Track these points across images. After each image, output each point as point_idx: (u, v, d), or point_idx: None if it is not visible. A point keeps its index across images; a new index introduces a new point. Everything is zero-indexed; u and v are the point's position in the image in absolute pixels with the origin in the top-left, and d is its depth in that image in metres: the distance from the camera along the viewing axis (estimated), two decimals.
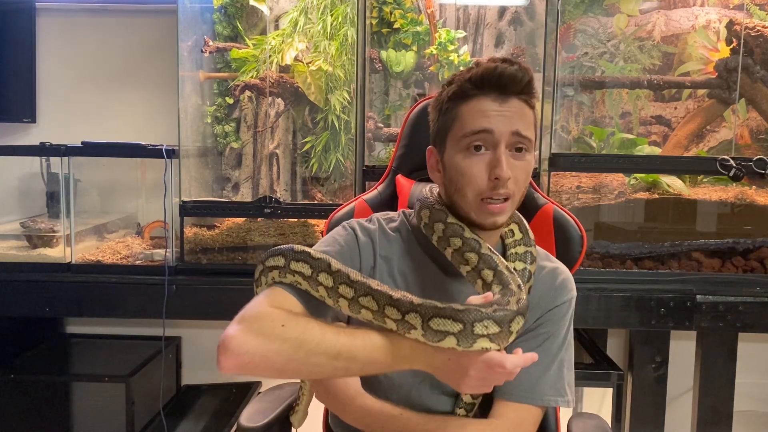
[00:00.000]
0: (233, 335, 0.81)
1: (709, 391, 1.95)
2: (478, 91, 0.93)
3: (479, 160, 0.92)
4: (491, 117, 0.92)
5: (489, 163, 0.92)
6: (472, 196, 0.93)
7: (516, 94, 0.93)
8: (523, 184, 0.95)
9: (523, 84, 0.92)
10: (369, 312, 0.84)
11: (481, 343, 0.78)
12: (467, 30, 2.16)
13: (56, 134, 2.22)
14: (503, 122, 0.91)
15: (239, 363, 0.79)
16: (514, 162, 0.93)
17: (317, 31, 2.02)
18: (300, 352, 0.80)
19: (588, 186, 2.08)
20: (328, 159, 2.07)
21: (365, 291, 0.85)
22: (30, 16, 2.35)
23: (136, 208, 2.36)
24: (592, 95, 2.15)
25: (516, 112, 0.92)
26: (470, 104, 0.93)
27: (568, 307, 1.02)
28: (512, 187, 0.92)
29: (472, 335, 0.78)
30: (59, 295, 1.92)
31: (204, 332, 2.44)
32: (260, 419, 1.15)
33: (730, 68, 1.99)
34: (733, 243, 1.94)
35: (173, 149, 1.96)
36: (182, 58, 2.01)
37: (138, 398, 2.00)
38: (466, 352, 0.79)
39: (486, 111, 0.92)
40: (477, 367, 0.80)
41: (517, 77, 0.92)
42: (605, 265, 1.94)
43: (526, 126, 0.93)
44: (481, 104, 0.93)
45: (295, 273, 0.89)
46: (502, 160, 0.91)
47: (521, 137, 0.92)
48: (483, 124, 0.92)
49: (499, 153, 0.91)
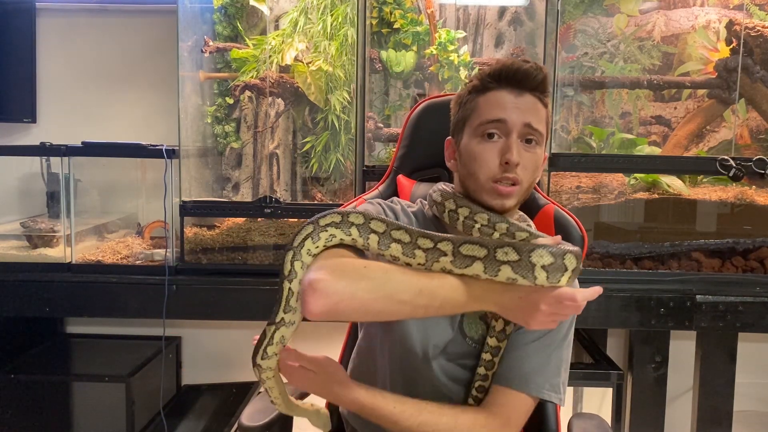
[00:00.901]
0: (321, 278, 0.85)
1: (709, 391, 1.95)
2: (496, 84, 1.01)
3: (492, 147, 1.00)
4: (506, 108, 0.99)
5: (501, 149, 0.99)
6: (483, 179, 1.00)
7: (531, 90, 1.01)
8: (531, 173, 1.01)
9: (538, 81, 1.01)
10: (399, 246, 0.90)
11: (505, 272, 0.85)
12: (467, 30, 2.16)
13: (56, 134, 2.22)
14: (517, 113, 0.99)
15: (328, 303, 0.83)
16: (524, 152, 1.00)
17: (317, 31, 2.02)
18: (386, 288, 0.86)
19: (588, 186, 2.08)
20: (328, 159, 2.07)
21: (397, 226, 0.92)
22: (30, 16, 2.35)
23: (136, 208, 2.36)
24: (592, 95, 2.16)
25: (530, 106, 1.00)
26: (488, 96, 1.02)
27: None
28: (521, 173, 0.99)
29: (495, 261, 0.85)
30: (59, 295, 1.92)
31: (204, 332, 2.44)
32: (261, 418, 1.16)
33: (730, 68, 1.99)
34: (733, 243, 1.94)
35: (173, 149, 1.96)
36: (182, 58, 2.01)
37: (138, 398, 2.00)
38: (538, 289, 0.85)
39: (502, 102, 1.00)
40: (548, 302, 0.85)
41: (531, 74, 1.00)
42: (605, 265, 1.94)
43: (538, 120, 1.00)
44: (497, 96, 1.01)
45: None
46: (513, 147, 0.98)
47: (532, 129, 1.00)
48: (498, 114, 0.99)
49: (511, 141, 0.99)
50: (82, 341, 2.40)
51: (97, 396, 2.01)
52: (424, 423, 0.94)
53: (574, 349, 2.20)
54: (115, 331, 2.43)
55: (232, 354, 2.43)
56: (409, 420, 0.94)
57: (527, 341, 1.01)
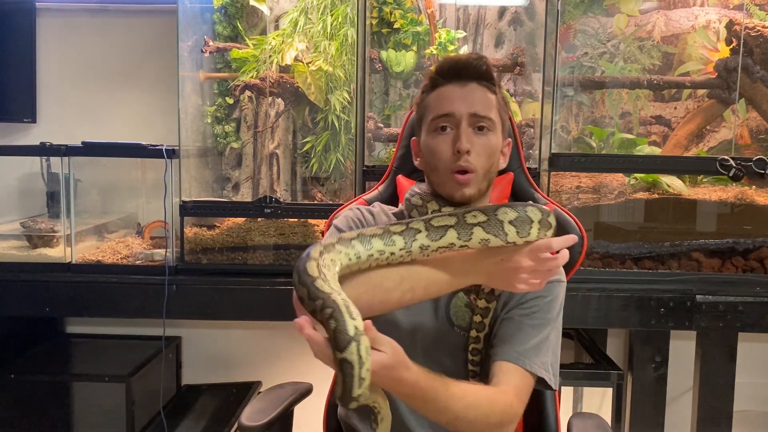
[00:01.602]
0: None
1: (709, 391, 1.95)
2: (442, 80, 1.08)
3: (445, 139, 1.06)
4: (453, 101, 1.05)
5: (453, 140, 1.05)
6: (442, 170, 1.06)
7: (476, 79, 1.07)
8: (485, 159, 1.06)
9: (481, 70, 1.07)
10: (378, 239, 0.92)
11: (477, 234, 0.89)
12: (467, 30, 2.16)
13: (56, 134, 2.22)
14: (463, 104, 1.05)
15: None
16: (475, 138, 1.05)
17: (317, 31, 2.02)
18: (371, 281, 0.90)
19: (588, 186, 2.08)
20: (328, 159, 2.07)
21: (371, 231, 0.93)
22: (30, 16, 2.35)
23: (136, 208, 2.36)
24: (592, 95, 2.16)
25: (476, 95, 1.06)
26: (437, 92, 1.08)
27: (557, 287, 1.07)
28: (474, 160, 1.04)
29: (466, 225, 0.90)
30: (59, 295, 1.92)
31: (204, 332, 2.44)
32: (261, 418, 1.16)
33: (730, 68, 1.99)
34: (733, 243, 1.94)
35: (173, 149, 1.96)
36: (182, 58, 2.01)
37: (138, 398, 2.00)
38: (515, 248, 0.90)
39: (449, 96, 1.06)
40: (527, 257, 0.89)
41: (473, 64, 1.06)
42: (605, 265, 1.94)
43: (486, 108, 1.06)
44: (445, 91, 1.07)
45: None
46: (462, 135, 1.04)
47: (480, 117, 1.05)
48: (446, 107, 1.06)
49: (460, 131, 1.04)
50: (82, 341, 2.40)
51: (97, 396, 2.01)
52: (470, 406, 0.91)
53: (575, 349, 2.20)
54: (115, 331, 2.43)
55: (232, 354, 2.43)
56: (457, 403, 0.91)
57: (520, 315, 1.04)
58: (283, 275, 1.89)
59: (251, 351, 2.43)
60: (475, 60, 1.06)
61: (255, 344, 2.43)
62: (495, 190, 1.35)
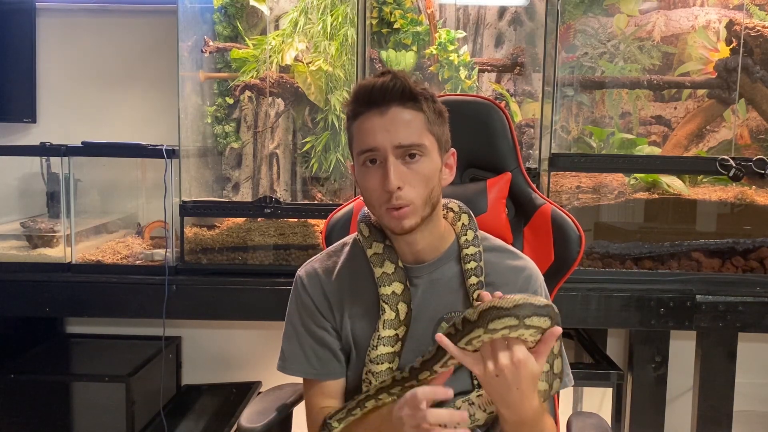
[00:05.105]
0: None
1: (709, 391, 1.94)
2: (362, 108, 0.99)
3: (374, 174, 0.98)
4: (376, 133, 0.97)
5: (381, 177, 0.97)
6: (377, 206, 1.00)
7: (395, 102, 0.97)
8: (422, 188, 0.98)
9: (398, 91, 0.96)
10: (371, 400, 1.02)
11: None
12: (467, 30, 2.16)
13: (56, 134, 2.22)
14: (386, 137, 0.96)
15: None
16: (406, 169, 0.97)
17: (317, 31, 2.02)
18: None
19: (588, 186, 2.08)
20: (328, 159, 2.07)
21: (357, 403, 1.04)
22: (30, 16, 2.35)
23: (136, 208, 2.36)
24: (591, 95, 2.15)
25: (398, 123, 0.97)
26: (359, 122, 1.00)
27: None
28: (408, 193, 0.97)
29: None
30: (59, 295, 1.92)
31: (204, 332, 2.44)
32: (260, 419, 1.16)
33: (730, 68, 1.99)
34: (733, 243, 1.94)
35: (173, 149, 1.96)
36: (182, 58, 2.01)
37: (138, 398, 2.00)
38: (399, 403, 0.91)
39: (371, 128, 0.97)
40: (407, 405, 0.89)
41: (388, 87, 0.96)
42: (605, 265, 1.94)
43: (411, 134, 0.97)
44: (366, 121, 0.98)
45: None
46: (389, 173, 0.95)
47: (407, 147, 0.97)
48: (369, 142, 0.97)
49: (387, 167, 0.96)
50: (82, 341, 2.40)
51: (97, 396, 2.01)
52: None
53: (575, 349, 2.20)
54: (115, 331, 2.43)
55: (232, 354, 2.43)
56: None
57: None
58: (283, 275, 1.89)
59: (251, 351, 2.43)
60: (391, 81, 0.96)
61: (255, 344, 2.43)
62: (493, 191, 1.34)
